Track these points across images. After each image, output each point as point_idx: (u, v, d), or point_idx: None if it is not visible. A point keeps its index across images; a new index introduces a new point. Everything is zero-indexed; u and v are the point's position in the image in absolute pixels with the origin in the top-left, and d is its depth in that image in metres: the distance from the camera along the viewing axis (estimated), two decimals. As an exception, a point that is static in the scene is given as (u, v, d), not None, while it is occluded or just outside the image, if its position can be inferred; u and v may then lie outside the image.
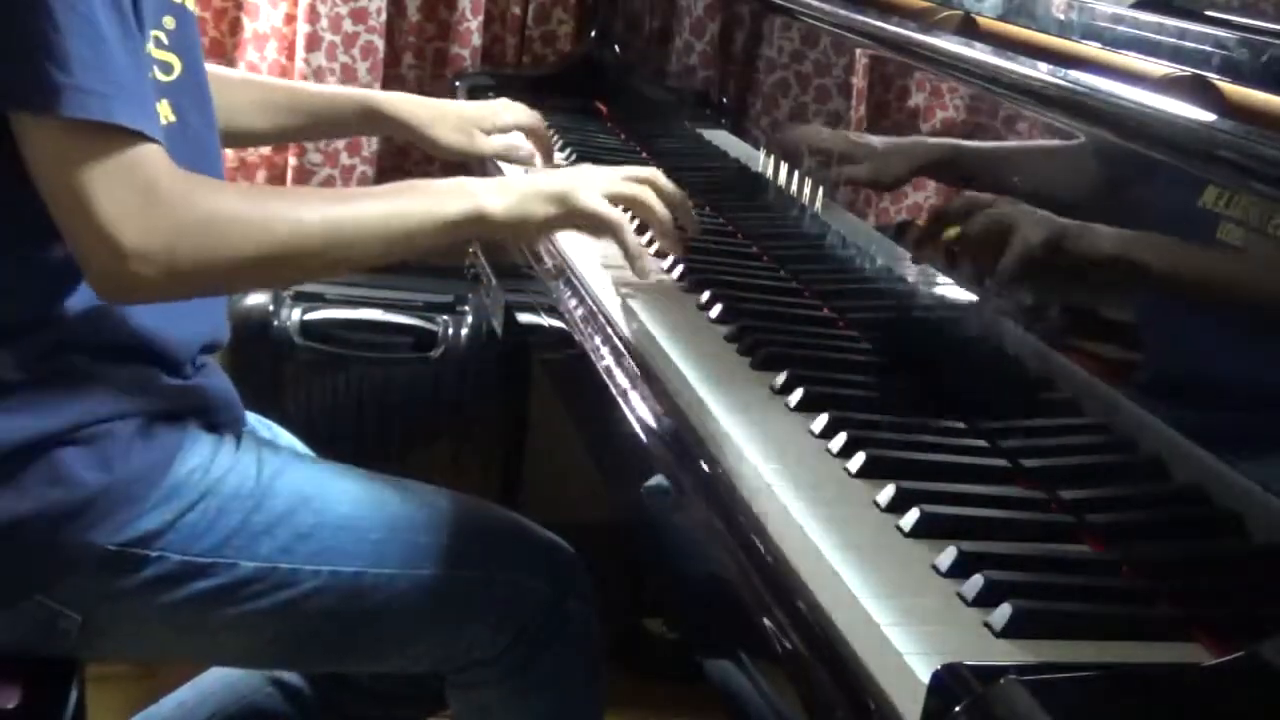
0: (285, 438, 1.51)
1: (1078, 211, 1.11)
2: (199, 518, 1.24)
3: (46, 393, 1.19)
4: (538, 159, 1.79)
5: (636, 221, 1.42)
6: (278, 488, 1.29)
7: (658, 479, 1.17)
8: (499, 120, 1.74)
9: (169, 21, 1.26)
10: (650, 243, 1.49)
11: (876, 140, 1.42)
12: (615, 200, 1.35)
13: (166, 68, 1.25)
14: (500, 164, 1.80)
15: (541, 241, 1.59)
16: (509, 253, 1.78)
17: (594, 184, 1.35)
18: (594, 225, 1.35)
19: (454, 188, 1.31)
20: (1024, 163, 1.19)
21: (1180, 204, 0.99)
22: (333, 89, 1.79)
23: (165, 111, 1.24)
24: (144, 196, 1.13)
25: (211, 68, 1.53)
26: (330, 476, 1.34)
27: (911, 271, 1.30)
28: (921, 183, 1.35)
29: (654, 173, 1.41)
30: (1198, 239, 0.98)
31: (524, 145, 1.78)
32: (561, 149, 1.98)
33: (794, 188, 1.58)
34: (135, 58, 1.16)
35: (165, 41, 1.25)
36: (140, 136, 1.14)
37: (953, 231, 1.26)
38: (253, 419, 1.44)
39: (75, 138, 1.12)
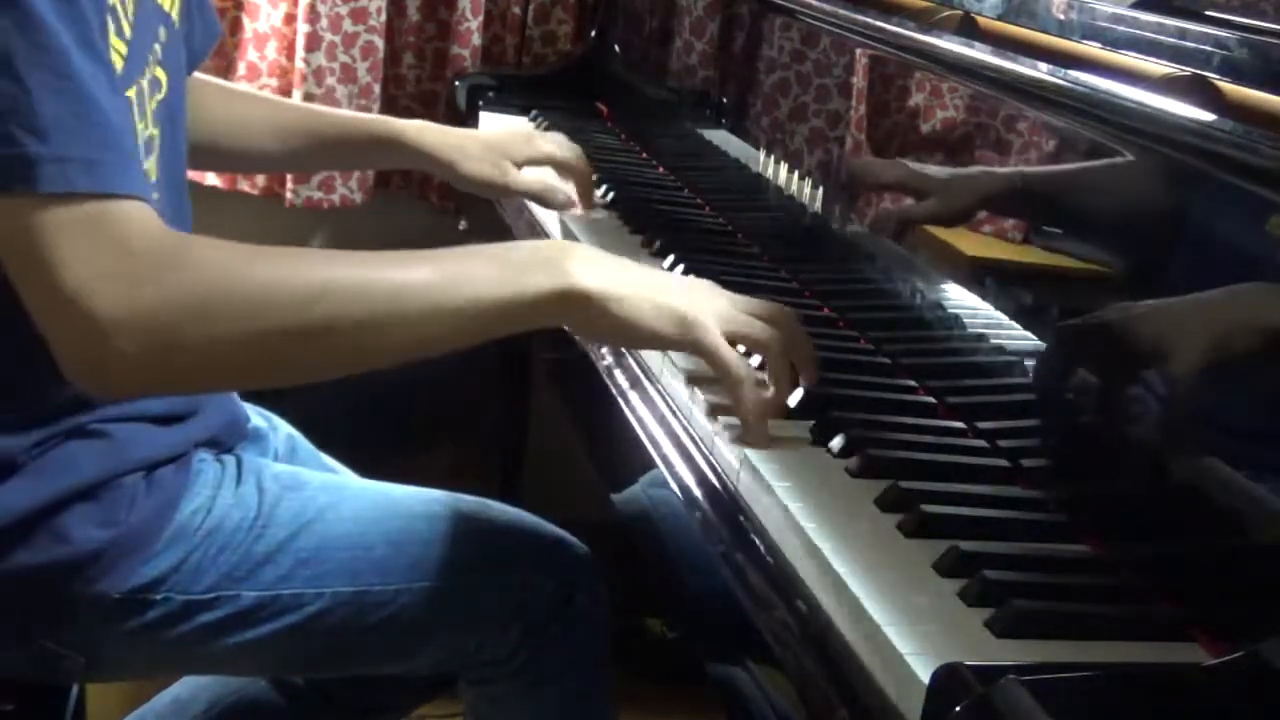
0: (285, 429, 1.50)
1: (1091, 217, 1.11)
2: (201, 557, 1.23)
3: (50, 458, 1.16)
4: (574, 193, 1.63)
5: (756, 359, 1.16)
6: (278, 515, 1.27)
7: (657, 479, 1.18)
8: (531, 149, 1.60)
9: (163, 33, 1.17)
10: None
11: (943, 172, 1.34)
12: (735, 340, 1.10)
13: (156, 85, 1.15)
14: (531, 205, 1.66)
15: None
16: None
17: (717, 313, 1.09)
18: (709, 364, 1.10)
19: (535, 257, 1.06)
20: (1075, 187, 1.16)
21: (1188, 208, 0.99)
22: (350, 114, 1.58)
23: (153, 133, 1.15)
24: (122, 257, 0.95)
25: (218, 82, 1.49)
26: (330, 495, 1.32)
27: (912, 272, 1.30)
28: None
29: (785, 313, 1.14)
30: (1198, 241, 0.98)
31: (559, 185, 1.62)
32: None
33: (794, 188, 1.58)
34: (119, 106, 1.01)
35: (160, 56, 1.16)
36: (122, 195, 0.97)
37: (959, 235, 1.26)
38: (252, 412, 1.44)
39: (48, 208, 0.95)
